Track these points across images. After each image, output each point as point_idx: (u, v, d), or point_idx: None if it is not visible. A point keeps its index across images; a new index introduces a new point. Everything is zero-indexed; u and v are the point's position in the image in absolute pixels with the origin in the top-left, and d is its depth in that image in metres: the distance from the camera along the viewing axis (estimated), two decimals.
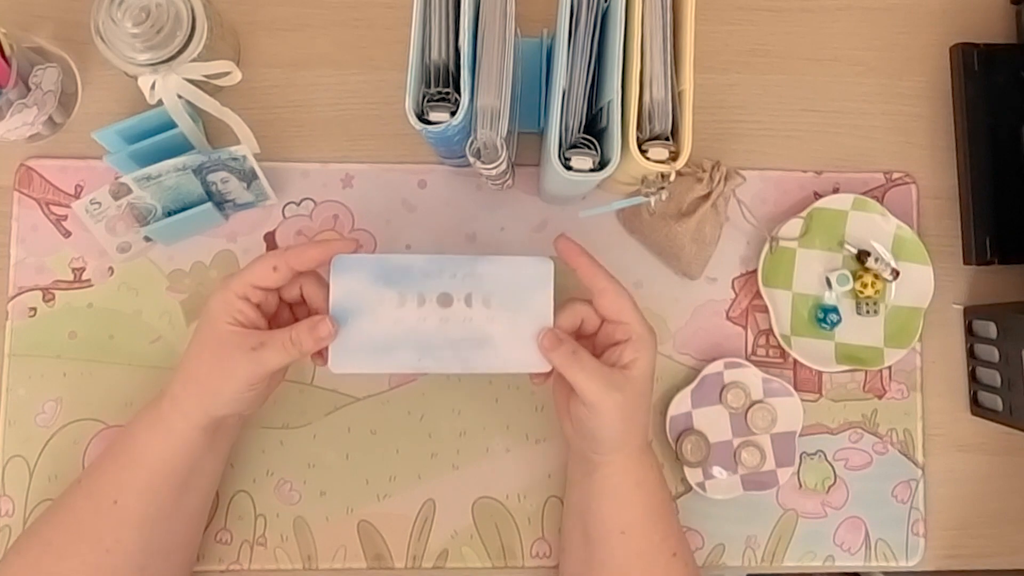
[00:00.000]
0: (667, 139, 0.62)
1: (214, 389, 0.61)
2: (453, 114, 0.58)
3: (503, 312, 0.63)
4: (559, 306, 0.64)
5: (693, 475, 0.73)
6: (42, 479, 0.72)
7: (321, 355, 0.63)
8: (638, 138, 0.61)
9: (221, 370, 0.61)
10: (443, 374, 0.73)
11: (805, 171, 0.77)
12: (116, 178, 0.69)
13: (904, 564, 0.75)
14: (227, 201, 0.73)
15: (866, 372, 0.76)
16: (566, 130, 0.62)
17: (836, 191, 0.77)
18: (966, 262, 0.76)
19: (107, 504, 0.62)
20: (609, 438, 0.63)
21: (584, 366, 0.61)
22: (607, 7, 0.62)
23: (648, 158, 0.61)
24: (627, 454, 0.65)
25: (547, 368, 0.63)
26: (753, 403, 0.74)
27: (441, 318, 0.62)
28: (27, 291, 0.73)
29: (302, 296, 0.65)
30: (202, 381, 0.61)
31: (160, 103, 0.68)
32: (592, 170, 0.61)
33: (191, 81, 0.68)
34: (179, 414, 0.62)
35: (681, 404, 0.74)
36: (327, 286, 0.62)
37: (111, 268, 0.74)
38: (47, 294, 0.73)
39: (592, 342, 0.66)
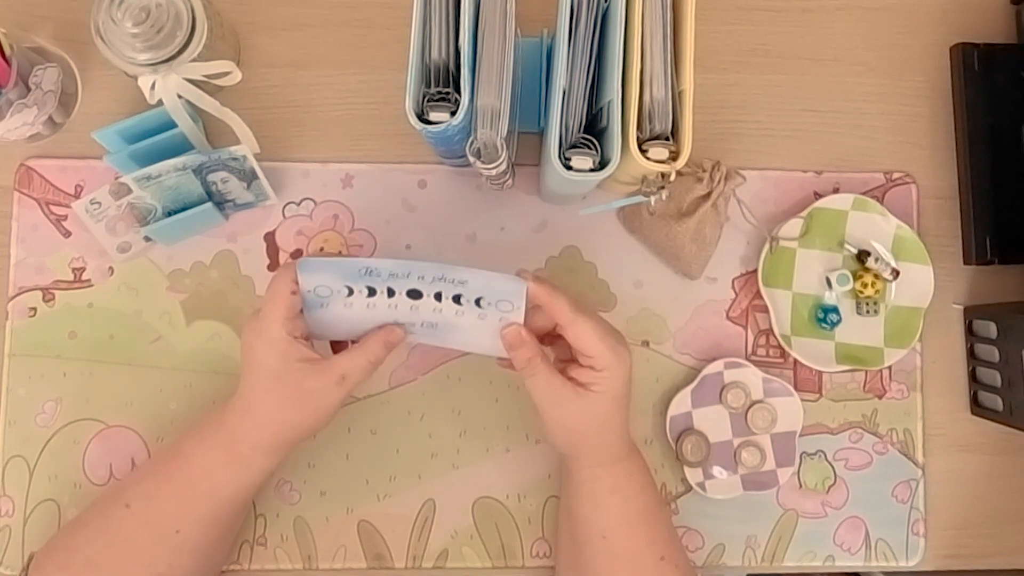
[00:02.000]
0: (667, 139, 0.62)
1: (300, 427, 0.63)
2: (453, 114, 0.58)
3: (472, 309, 0.62)
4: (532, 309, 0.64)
5: (693, 475, 0.73)
6: (42, 479, 0.72)
7: None
8: (638, 138, 0.61)
9: (309, 409, 0.62)
10: (418, 343, 0.72)
11: (805, 171, 0.77)
12: (116, 178, 0.69)
13: (904, 564, 0.75)
14: (227, 201, 0.73)
15: (866, 372, 0.76)
16: (566, 130, 0.61)
17: (836, 191, 0.77)
18: (966, 262, 0.76)
19: (168, 533, 0.63)
20: (560, 447, 0.65)
21: (535, 372, 0.62)
22: (607, 7, 0.62)
23: (648, 158, 0.61)
24: (596, 463, 0.65)
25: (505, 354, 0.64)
26: (753, 403, 0.74)
27: (412, 307, 0.63)
28: (27, 291, 0.73)
29: None
30: (285, 423, 0.62)
31: (160, 103, 0.68)
32: (592, 170, 0.61)
33: (191, 81, 0.68)
34: (263, 454, 0.63)
35: (681, 404, 0.74)
36: None
37: (111, 268, 0.74)
38: (47, 294, 0.73)
39: (567, 343, 0.65)
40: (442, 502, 0.74)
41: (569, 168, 0.61)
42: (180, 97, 0.68)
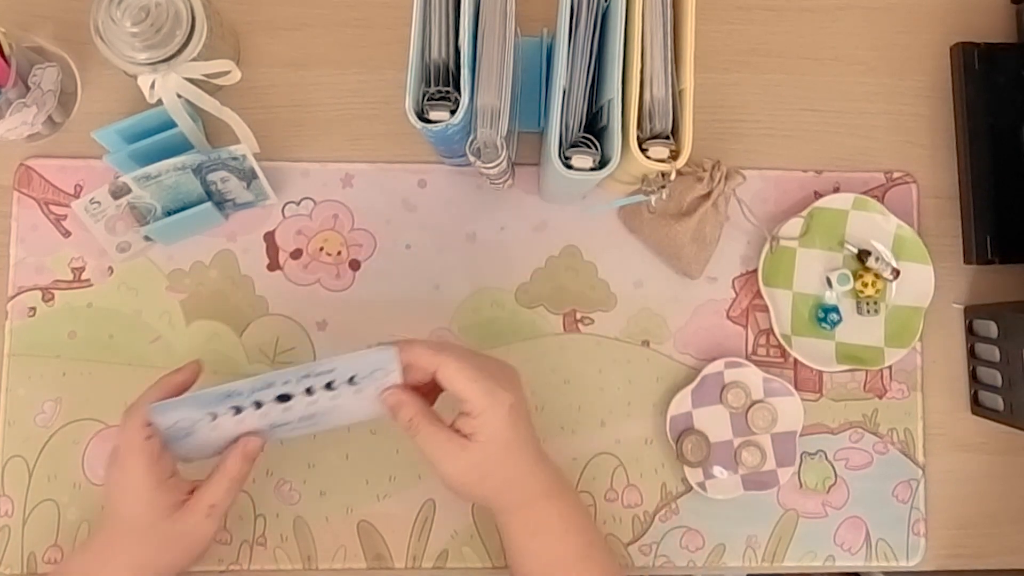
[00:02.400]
0: (667, 138, 0.62)
1: (178, 565, 0.63)
2: (453, 113, 0.58)
3: (347, 388, 0.61)
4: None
5: (693, 475, 0.73)
6: (41, 479, 0.72)
7: None
8: (638, 137, 0.61)
9: (183, 549, 0.62)
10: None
11: (805, 170, 0.77)
12: (116, 177, 0.69)
13: (905, 564, 0.75)
14: (227, 200, 0.73)
15: (867, 372, 0.76)
16: (566, 129, 0.61)
17: (836, 190, 0.76)
18: (967, 261, 0.76)
19: None
20: (465, 500, 0.65)
21: (418, 431, 0.61)
22: (607, 6, 0.62)
23: (648, 157, 0.61)
24: (506, 509, 0.64)
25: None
26: (753, 403, 0.74)
27: (284, 409, 0.62)
28: (27, 291, 0.73)
29: None
30: (161, 567, 0.62)
31: (160, 102, 0.68)
32: (592, 169, 0.61)
33: (191, 80, 0.68)
34: None
35: (681, 404, 0.74)
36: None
37: (111, 268, 0.74)
38: (47, 294, 0.73)
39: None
40: (442, 502, 0.74)
41: (569, 167, 0.61)
42: (180, 96, 0.68)
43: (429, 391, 0.64)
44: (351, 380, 0.61)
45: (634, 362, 0.75)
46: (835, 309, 0.75)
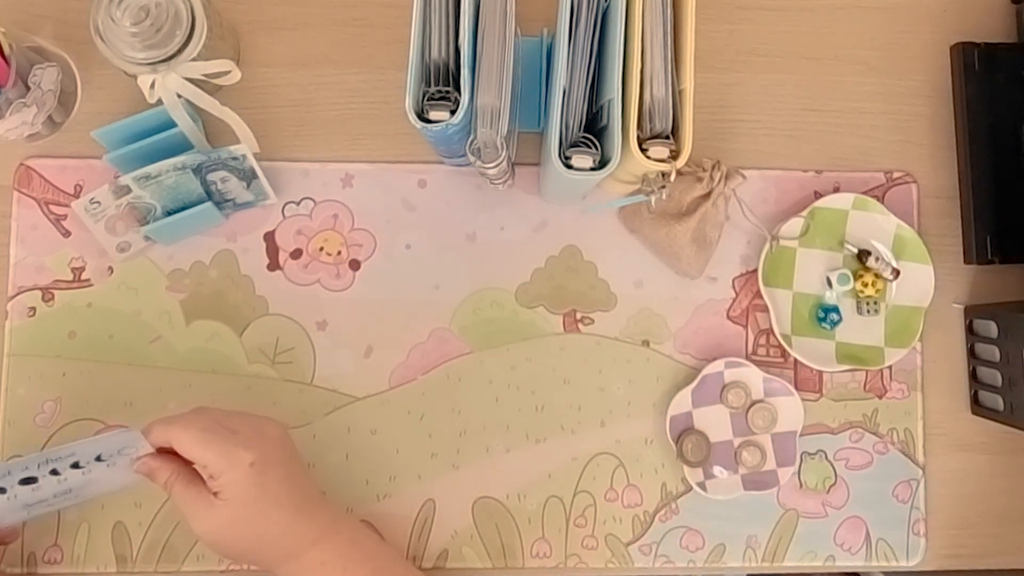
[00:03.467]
0: (667, 138, 0.62)
1: None
2: (453, 113, 0.58)
3: (96, 465, 0.62)
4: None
5: (693, 475, 0.73)
6: None
7: None
8: (638, 137, 0.61)
9: None
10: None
11: (805, 170, 0.77)
12: (115, 177, 0.69)
13: (905, 564, 0.75)
14: (227, 200, 0.73)
15: (867, 372, 0.76)
16: (566, 129, 0.61)
17: (836, 190, 0.76)
18: (967, 261, 0.76)
19: None
20: (230, 556, 0.65)
21: (173, 492, 0.62)
22: (607, 6, 0.62)
23: (649, 157, 0.61)
24: (273, 564, 0.63)
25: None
26: (754, 403, 0.74)
27: (33, 489, 0.62)
28: (26, 291, 0.73)
29: None
30: None
31: (160, 102, 0.68)
32: (592, 169, 0.61)
33: (191, 80, 0.68)
34: None
35: (681, 404, 0.74)
36: None
37: (111, 268, 0.74)
38: (47, 294, 0.73)
39: None
40: (442, 502, 0.74)
41: (569, 167, 0.61)
42: (179, 96, 0.68)
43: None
44: (98, 458, 0.62)
45: (634, 362, 0.75)
46: (835, 309, 0.75)
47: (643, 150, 0.61)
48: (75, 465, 0.62)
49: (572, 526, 0.74)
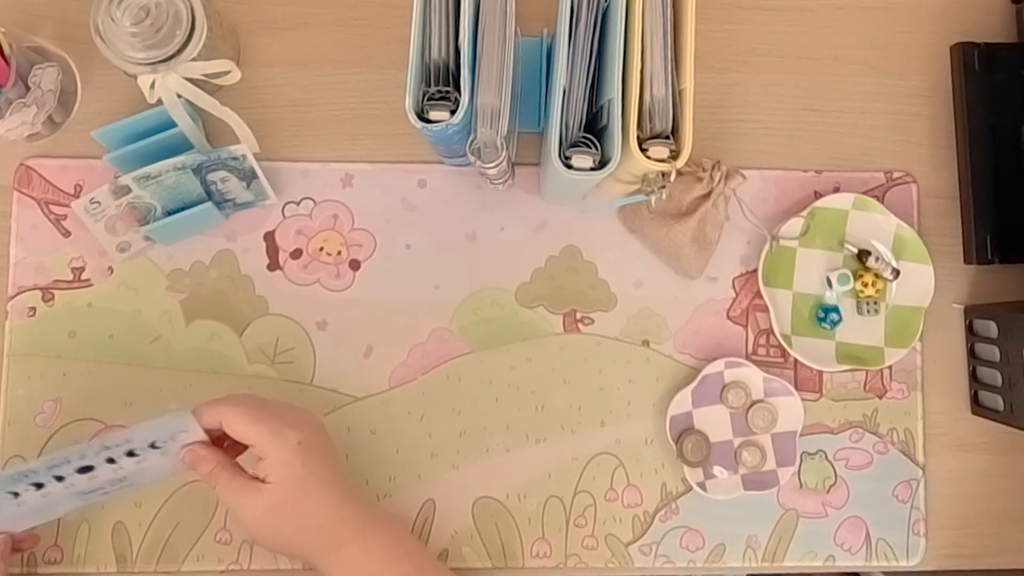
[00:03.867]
0: (667, 138, 0.62)
1: None
2: (453, 113, 0.58)
3: (150, 453, 0.62)
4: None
5: (693, 475, 0.73)
6: None
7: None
8: (638, 137, 0.61)
9: None
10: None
11: (805, 170, 0.77)
12: (115, 177, 0.69)
13: (905, 564, 0.75)
14: (227, 200, 0.73)
15: (867, 372, 0.76)
16: (566, 129, 0.61)
17: (837, 190, 0.76)
18: (967, 261, 0.76)
19: None
20: (273, 547, 0.64)
21: (218, 482, 0.62)
22: (607, 6, 0.62)
23: (649, 157, 0.61)
24: (316, 555, 0.63)
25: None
26: (754, 403, 0.74)
27: (90, 478, 0.62)
28: (26, 291, 0.73)
29: None
30: None
31: (160, 102, 0.68)
32: (592, 169, 0.61)
33: (191, 80, 0.68)
34: None
35: (681, 404, 0.74)
36: None
37: (111, 268, 0.74)
38: (47, 294, 0.73)
39: None
40: (442, 502, 0.74)
41: (569, 167, 0.61)
42: (179, 96, 0.68)
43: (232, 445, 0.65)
44: (152, 445, 0.62)
45: (634, 362, 0.75)
46: (835, 309, 0.75)
47: (643, 150, 0.61)
48: (130, 453, 0.61)
49: (572, 526, 0.74)
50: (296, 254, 0.75)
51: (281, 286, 0.74)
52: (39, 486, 0.61)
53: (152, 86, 0.67)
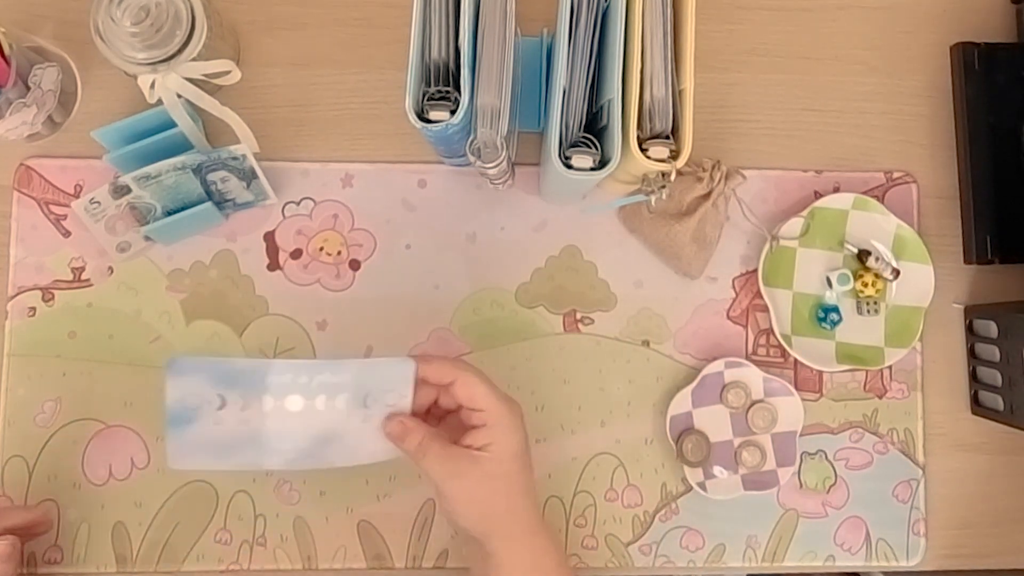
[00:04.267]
0: (667, 138, 0.62)
1: None
2: (453, 113, 0.58)
3: (358, 410, 0.60)
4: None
5: (693, 475, 0.73)
6: (41, 479, 0.72)
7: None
8: (638, 137, 0.61)
9: None
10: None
11: (805, 170, 0.77)
12: (116, 177, 0.69)
13: (905, 564, 0.75)
14: (227, 200, 0.73)
15: (867, 372, 0.76)
16: (566, 129, 0.61)
17: (837, 190, 0.76)
18: (967, 261, 0.76)
19: None
20: (468, 527, 0.61)
21: (428, 452, 0.60)
22: (607, 6, 0.62)
23: (649, 157, 0.61)
24: (510, 535, 0.62)
25: (396, 456, 0.61)
26: (754, 403, 0.74)
27: (288, 417, 0.59)
28: (26, 291, 0.73)
29: None
30: None
31: (160, 102, 0.68)
32: (592, 169, 0.61)
33: (191, 80, 0.68)
34: None
35: (681, 404, 0.74)
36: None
37: (111, 268, 0.74)
38: (47, 294, 0.73)
39: (457, 418, 0.63)
40: None
41: (569, 167, 0.61)
42: (179, 96, 0.68)
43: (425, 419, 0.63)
44: (364, 402, 0.59)
45: (634, 362, 0.75)
46: (835, 309, 0.75)
47: (643, 150, 0.61)
48: (339, 398, 0.58)
49: (572, 526, 0.74)
50: (296, 254, 0.75)
51: (281, 286, 0.74)
52: (245, 405, 0.57)
53: (152, 86, 0.67)
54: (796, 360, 0.74)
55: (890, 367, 0.76)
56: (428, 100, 0.59)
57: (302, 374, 0.59)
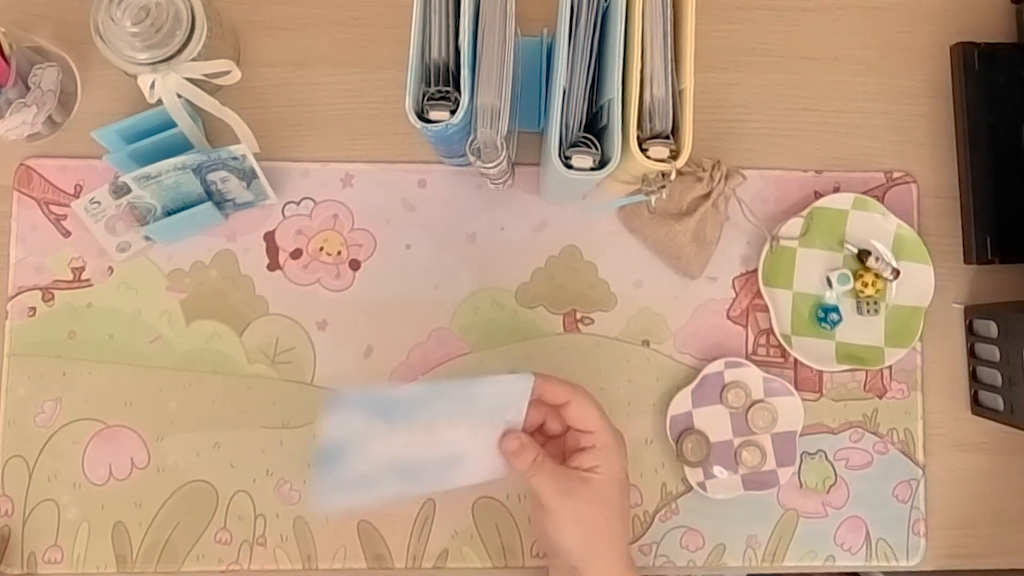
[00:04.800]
0: (667, 138, 0.62)
1: None
2: (453, 113, 0.58)
3: (482, 428, 0.61)
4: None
5: (693, 475, 0.73)
6: (41, 479, 0.72)
7: None
8: (639, 137, 0.61)
9: None
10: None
11: (805, 170, 0.77)
12: (116, 177, 0.69)
13: (905, 564, 0.75)
14: (227, 200, 0.73)
15: (867, 372, 0.76)
16: (566, 129, 0.61)
17: (837, 190, 0.76)
18: (967, 261, 0.76)
19: None
20: (572, 548, 0.61)
21: (541, 470, 0.60)
22: (607, 6, 0.62)
23: (649, 157, 0.61)
24: (609, 570, 0.62)
25: (502, 475, 0.62)
26: (754, 403, 0.74)
27: (425, 443, 0.60)
28: (27, 291, 0.73)
29: None
30: None
31: (160, 102, 0.68)
32: (592, 169, 0.61)
33: (191, 80, 0.68)
34: None
35: (681, 404, 0.74)
36: None
37: (111, 268, 0.74)
38: (47, 294, 0.73)
39: (562, 443, 0.64)
40: (442, 502, 0.74)
41: (569, 167, 0.61)
42: (180, 96, 0.68)
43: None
44: (489, 420, 0.60)
45: (634, 362, 0.75)
46: (835, 309, 0.75)
47: (643, 150, 0.61)
48: (461, 415, 0.59)
49: None
50: (296, 254, 0.75)
51: (281, 286, 0.74)
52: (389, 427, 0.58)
53: (152, 86, 0.67)
54: (796, 360, 0.74)
55: (890, 367, 0.76)
56: (428, 100, 0.59)
57: (440, 394, 0.60)
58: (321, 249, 0.75)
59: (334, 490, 0.60)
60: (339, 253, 0.75)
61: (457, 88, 0.59)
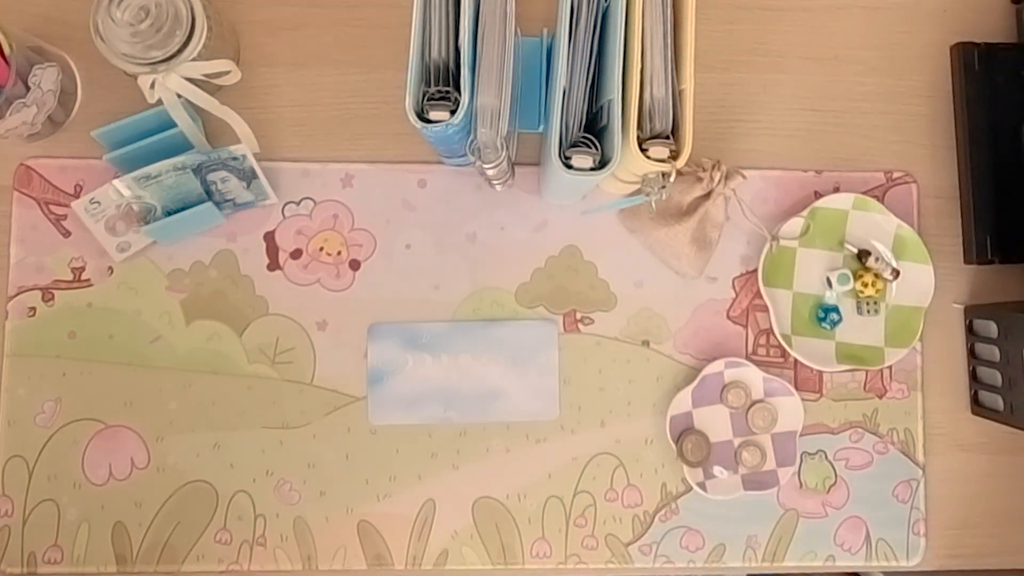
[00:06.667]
0: (667, 138, 0.62)
1: None
2: (453, 113, 0.58)
3: (514, 369, 0.71)
4: None
5: (693, 475, 0.73)
6: (41, 479, 0.72)
7: None
8: (639, 137, 0.61)
9: None
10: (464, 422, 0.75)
11: (806, 170, 0.77)
12: (116, 177, 0.69)
13: (905, 564, 0.75)
14: (227, 200, 0.73)
15: (867, 372, 0.76)
16: (566, 129, 0.61)
17: (837, 190, 0.76)
18: (967, 261, 0.76)
19: None
20: None
21: None
22: (607, 6, 0.62)
23: (649, 157, 0.61)
24: None
25: (553, 416, 0.71)
26: (754, 403, 0.74)
27: (461, 376, 0.72)
28: (26, 291, 0.73)
29: None
30: None
31: (160, 102, 0.68)
32: (593, 169, 0.61)
33: (191, 80, 0.68)
34: None
35: (682, 404, 0.74)
36: None
37: (110, 268, 0.74)
38: (46, 294, 0.73)
39: None
40: (442, 502, 0.74)
41: (569, 167, 0.61)
42: (179, 96, 0.68)
43: None
44: (517, 362, 0.73)
45: (634, 362, 0.75)
46: (835, 309, 0.75)
47: (643, 150, 0.61)
48: (494, 357, 0.75)
49: (572, 526, 0.74)
50: (296, 254, 0.75)
51: (281, 286, 0.74)
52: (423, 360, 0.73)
53: (152, 86, 0.67)
54: (796, 360, 0.74)
55: (890, 367, 0.76)
56: (428, 100, 0.59)
57: (467, 332, 0.71)
58: (321, 249, 0.75)
59: (384, 408, 0.72)
60: (339, 253, 0.75)
61: (457, 88, 0.59)
